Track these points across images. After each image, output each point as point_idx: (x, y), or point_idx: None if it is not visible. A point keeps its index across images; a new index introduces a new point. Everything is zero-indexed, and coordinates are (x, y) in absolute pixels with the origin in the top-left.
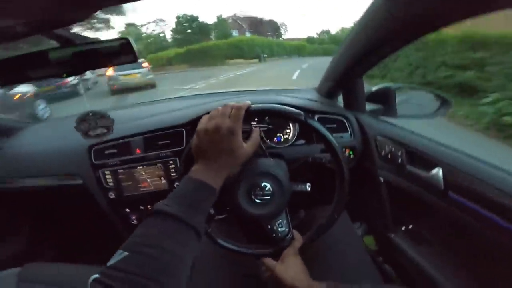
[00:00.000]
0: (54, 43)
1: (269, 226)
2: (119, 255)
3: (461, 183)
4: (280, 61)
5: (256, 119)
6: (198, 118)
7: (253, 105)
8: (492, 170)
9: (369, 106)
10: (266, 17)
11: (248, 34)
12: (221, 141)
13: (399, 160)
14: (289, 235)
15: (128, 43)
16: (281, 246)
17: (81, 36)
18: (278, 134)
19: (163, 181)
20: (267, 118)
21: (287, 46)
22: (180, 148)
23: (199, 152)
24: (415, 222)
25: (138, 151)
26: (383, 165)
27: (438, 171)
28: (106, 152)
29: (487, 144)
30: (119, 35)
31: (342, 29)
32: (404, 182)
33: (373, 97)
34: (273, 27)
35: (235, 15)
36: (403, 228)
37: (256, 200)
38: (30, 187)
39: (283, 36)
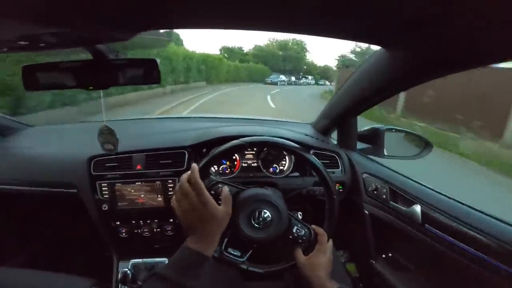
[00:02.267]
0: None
1: (290, 236)
2: None
3: (436, 217)
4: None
5: (255, 149)
6: (200, 143)
7: (255, 137)
8: (462, 207)
9: (359, 145)
10: None
11: None
12: (200, 215)
13: (384, 196)
14: (312, 232)
15: (155, 64)
16: (311, 243)
17: (113, 50)
18: (274, 165)
19: (159, 199)
20: (265, 149)
21: (189, 61)
22: (180, 169)
23: (189, 229)
24: (395, 250)
25: (139, 167)
26: (368, 200)
27: (416, 208)
28: (107, 164)
29: None
30: None
31: (256, 47)
32: (387, 215)
33: (364, 136)
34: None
35: None
36: (384, 255)
37: (256, 225)
38: (19, 190)
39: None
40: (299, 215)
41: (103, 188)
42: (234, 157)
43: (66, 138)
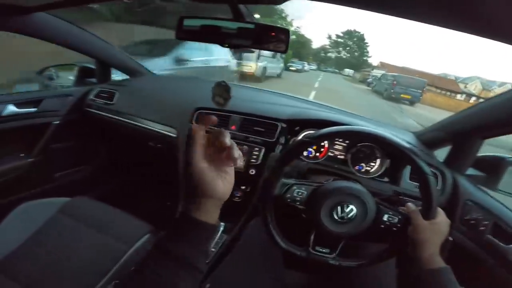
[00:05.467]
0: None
1: (382, 226)
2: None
3: None
4: None
5: (347, 142)
6: (296, 120)
7: (367, 128)
8: None
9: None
10: None
11: None
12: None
13: (481, 228)
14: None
15: (287, 35)
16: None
17: (251, 14)
18: (362, 164)
19: (241, 163)
20: (359, 145)
21: None
22: (270, 140)
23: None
24: (465, 284)
25: (233, 127)
26: (460, 227)
27: None
28: None
29: None
30: None
31: None
32: (475, 247)
33: (480, 162)
34: None
35: None
36: None
37: (335, 217)
38: (128, 123)
39: None
40: None
41: None
42: (322, 144)
43: (180, 88)
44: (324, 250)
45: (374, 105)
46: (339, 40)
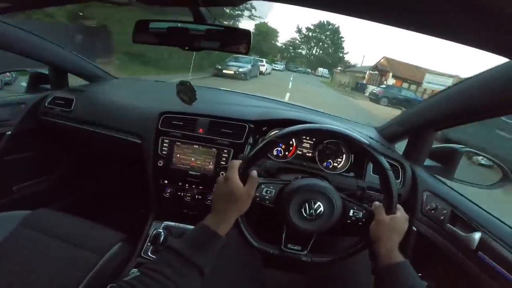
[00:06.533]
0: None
1: (349, 221)
2: (135, 273)
3: (494, 247)
4: None
5: (313, 140)
6: (263, 120)
7: (328, 126)
8: None
9: (426, 162)
10: None
11: None
12: (221, 191)
13: (441, 217)
14: (367, 214)
15: (249, 36)
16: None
17: (212, 16)
18: (329, 160)
19: (210, 166)
20: (325, 142)
21: None
22: (238, 141)
23: (212, 203)
24: (429, 273)
25: (200, 130)
26: (421, 218)
27: (475, 234)
28: (173, 122)
29: None
30: None
31: None
32: (437, 237)
33: (436, 154)
34: None
35: None
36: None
37: (304, 214)
38: (89, 131)
39: None
40: None
41: (164, 144)
42: (291, 142)
43: (143, 93)
44: (296, 247)
45: None
46: (310, 34)
